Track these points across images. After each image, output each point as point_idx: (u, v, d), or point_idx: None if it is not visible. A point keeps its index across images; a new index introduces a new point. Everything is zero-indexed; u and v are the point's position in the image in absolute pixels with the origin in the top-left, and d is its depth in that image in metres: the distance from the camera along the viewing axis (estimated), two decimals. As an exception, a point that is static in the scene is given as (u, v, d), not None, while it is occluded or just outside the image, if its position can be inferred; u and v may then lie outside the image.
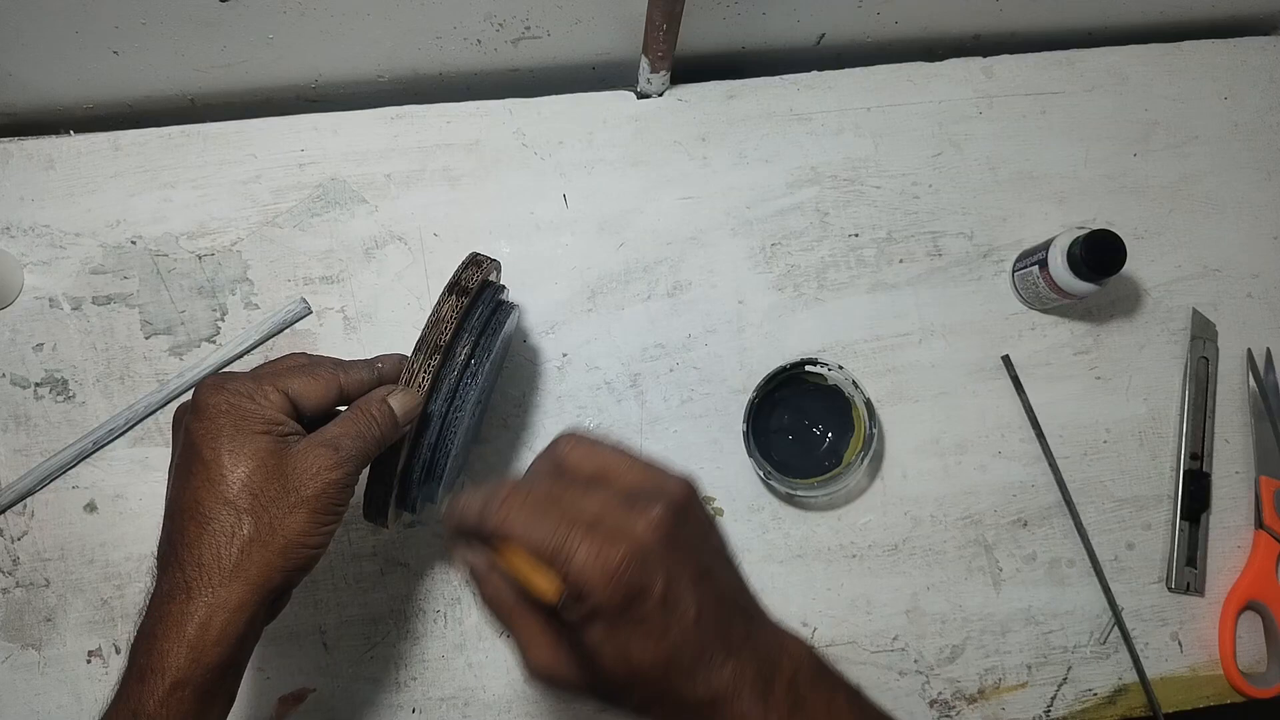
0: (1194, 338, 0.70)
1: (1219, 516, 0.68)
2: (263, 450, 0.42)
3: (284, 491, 0.42)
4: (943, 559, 0.66)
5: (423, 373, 0.49)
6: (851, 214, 0.71)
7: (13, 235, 0.67)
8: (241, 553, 0.41)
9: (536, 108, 0.71)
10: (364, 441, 0.45)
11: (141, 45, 0.65)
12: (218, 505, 0.41)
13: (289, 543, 0.42)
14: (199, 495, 0.41)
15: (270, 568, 0.41)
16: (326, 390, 0.46)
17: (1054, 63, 0.74)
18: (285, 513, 0.42)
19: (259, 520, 0.41)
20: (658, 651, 0.36)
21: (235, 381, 0.44)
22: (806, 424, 0.66)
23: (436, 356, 0.49)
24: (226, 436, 0.42)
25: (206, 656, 0.40)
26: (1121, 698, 0.65)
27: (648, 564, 0.36)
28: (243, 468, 0.41)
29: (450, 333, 0.50)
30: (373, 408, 0.46)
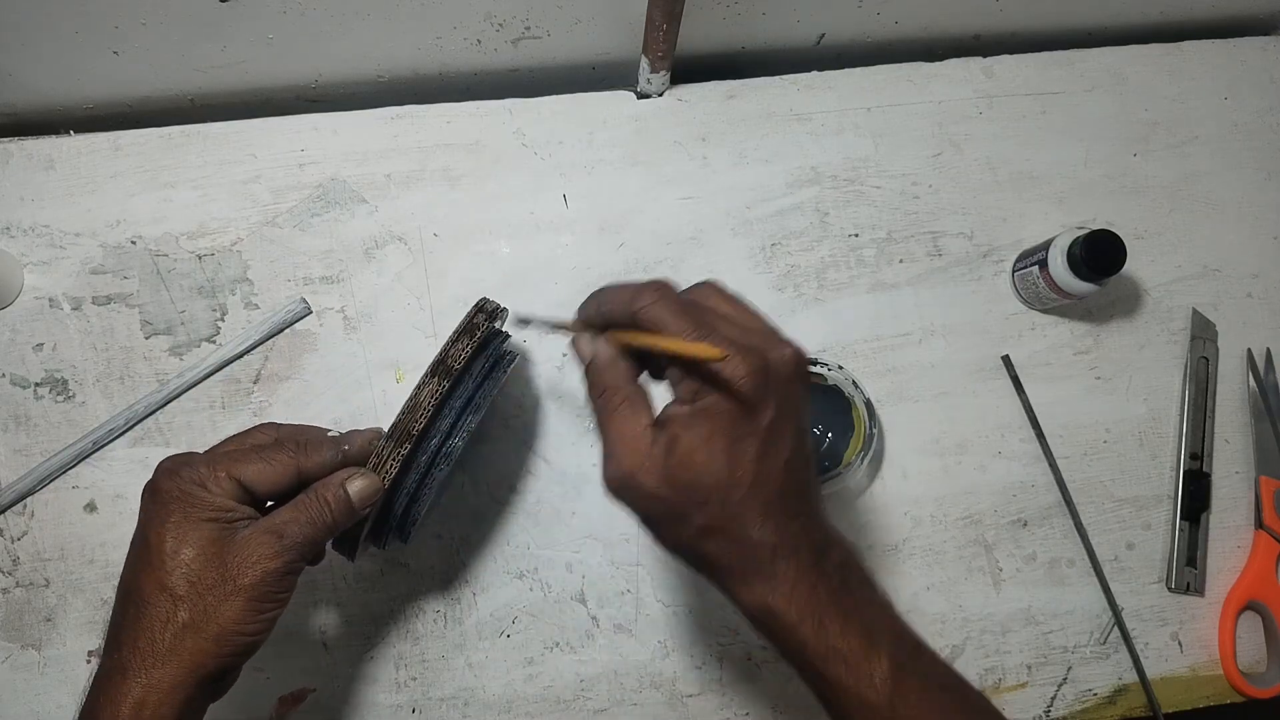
0: (1194, 338, 0.70)
1: (1219, 516, 0.68)
2: (205, 538, 0.43)
3: (221, 579, 0.42)
4: (943, 559, 0.66)
5: (391, 460, 0.48)
6: (851, 214, 0.71)
7: (13, 235, 0.67)
8: (175, 638, 0.42)
9: (536, 108, 0.71)
10: (313, 528, 0.45)
11: (141, 45, 0.65)
12: (155, 591, 0.42)
13: (223, 630, 0.42)
14: (139, 579, 0.43)
15: (204, 654, 0.42)
16: (282, 475, 0.46)
17: (1054, 63, 0.74)
18: (220, 600, 0.42)
19: (194, 607, 0.42)
20: (748, 470, 0.38)
21: (189, 467, 0.44)
22: (806, 424, 0.65)
23: (407, 445, 0.48)
24: (173, 523, 0.43)
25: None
26: (1121, 698, 0.65)
27: (771, 386, 0.38)
28: (183, 554, 0.42)
29: (427, 419, 0.49)
30: (328, 493, 0.46)
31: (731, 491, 0.38)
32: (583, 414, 0.66)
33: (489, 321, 0.52)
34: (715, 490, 0.38)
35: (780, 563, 0.39)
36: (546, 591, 0.64)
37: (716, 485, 0.38)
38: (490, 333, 0.53)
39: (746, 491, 0.38)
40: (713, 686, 0.63)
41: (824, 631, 0.40)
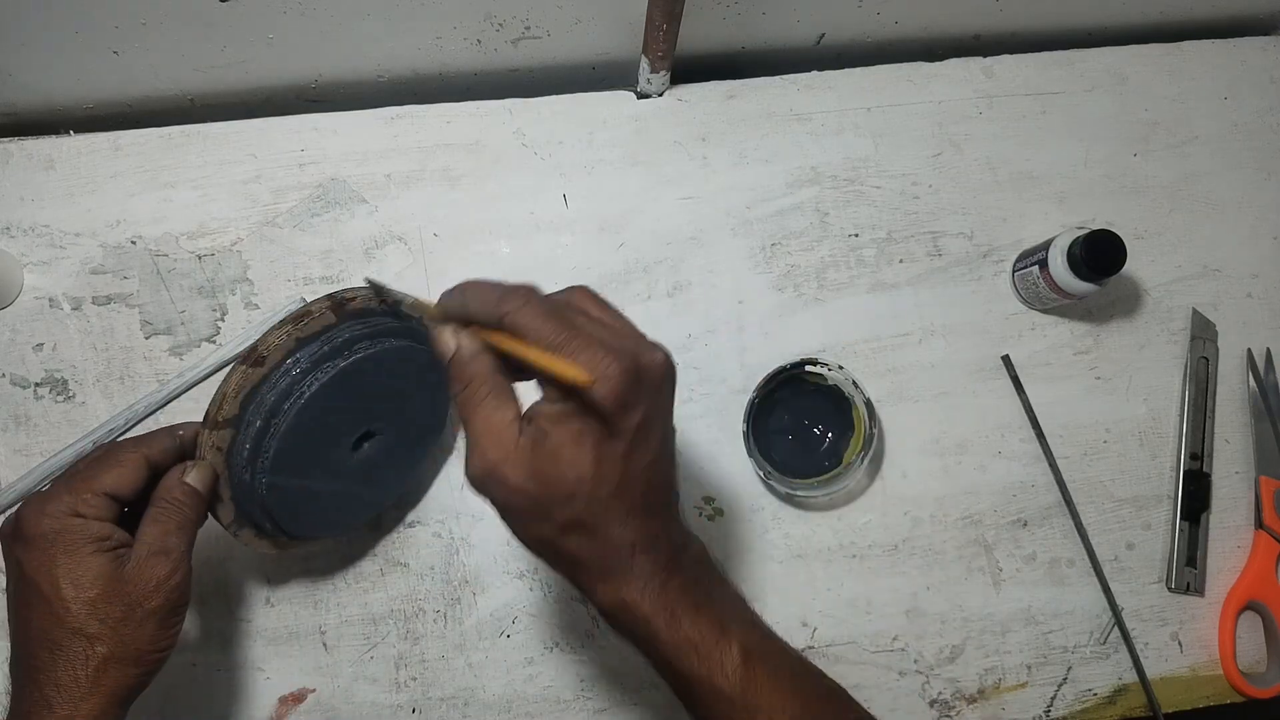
0: (1194, 338, 0.70)
1: (1219, 516, 0.68)
2: (101, 573, 0.44)
3: (129, 610, 0.44)
4: (943, 559, 0.66)
5: (205, 447, 0.50)
6: (851, 214, 0.71)
7: (13, 235, 0.67)
8: (98, 671, 0.43)
9: (536, 108, 0.71)
10: (183, 529, 0.47)
11: (141, 45, 0.65)
12: (66, 635, 0.43)
13: (141, 653, 0.44)
14: (44, 626, 0.43)
15: (127, 678, 0.44)
16: (136, 471, 0.47)
17: (1054, 63, 0.74)
18: (133, 629, 0.44)
19: (110, 641, 0.43)
20: (615, 470, 0.38)
21: (54, 501, 0.45)
22: (806, 424, 0.66)
23: (220, 430, 0.50)
24: (61, 565, 0.43)
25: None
26: (1121, 698, 0.65)
27: (639, 388, 0.38)
28: (85, 596, 0.43)
29: (236, 405, 0.50)
30: (176, 494, 0.48)
31: (597, 489, 0.38)
32: (583, 414, 0.66)
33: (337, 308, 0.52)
34: (580, 487, 0.38)
35: (638, 559, 0.40)
36: (546, 591, 0.64)
37: (582, 483, 0.38)
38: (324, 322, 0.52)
39: (612, 490, 0.39)
40: (713, 686, 0.63)
41: (676, 623, 0.40)
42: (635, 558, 0.40)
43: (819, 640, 0.64)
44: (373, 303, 0.54)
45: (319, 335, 0.52)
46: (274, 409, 0.51)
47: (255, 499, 0.53)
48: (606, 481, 0.38)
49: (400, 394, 0.57)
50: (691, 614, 0.41)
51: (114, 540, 0.45)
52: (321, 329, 0.52)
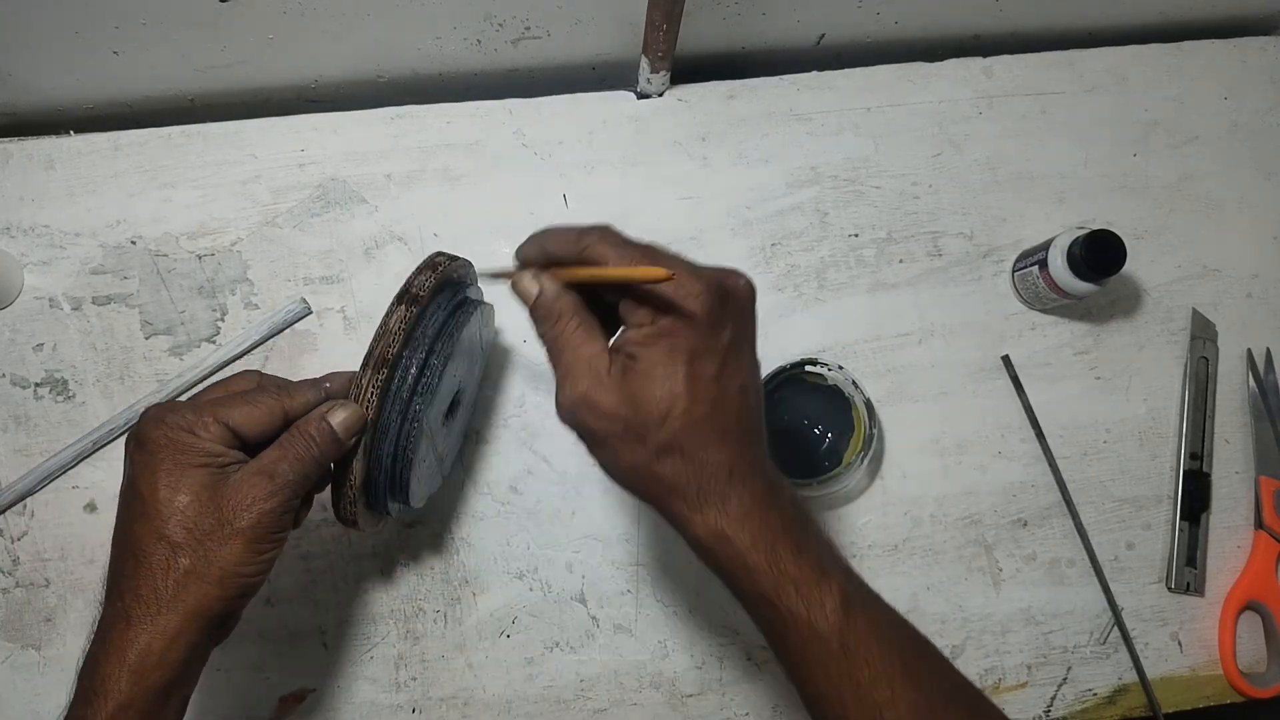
0: (1194, 338, 0.70)
1: (1219, 516, 0.68)
2: (198, 483, 0.43)
3: (219, 524, 0.42)
4: (943, 559, 0.66)
5: (370, 388, 0.48)
6: (851, 214, 0.71)
7: (13, 235, 0.67)
8: (177, 585, 0.42)
9: (536, 108, 0.71)
10: (302, 464, 0.45)
11: (141, 45, 0.65)
12: (153, 540, 0.42)
13: (225, 573, 0.43)
14: (136, 530, 0.43)
15: (207, 598, 0.42)
16: (269, 416, 0.46)
17: (1054, 63, 0.74)
18: (220, 544, 0.42)
19: (194, 554, 0.42)
20: (708, 388, 0.38)
21: (176, 414, 0.44)
22: (806, 424, 0.65)
23: (384, 370, 0.48)
24: (164, 471, 0.43)
25: (148, 680, 0.42)
26: (1121, 698, 0.65)
27: (728, 308, 0.38)
28: (177, 502, 0.42)
29: (399, 344, 0.49)
30: (310, 427, 0.46)
31: (692, 408, 0.38)
32: (583, 414, 0.66)
33: (450, 261, 0.53)
34: (675, 406, 0.38)
35: (736, 487, 0.39)
36: (546, 591, 0.64)
37: (676, 399, 0.38)
38: (451, 271, 0.53)
39: (706, 411, 0.38)
40: (713, 686, 0.63)
41: (776, 559, 0.39)
42: (733, 485, 0.39)
43: (819, 640, 0.64)
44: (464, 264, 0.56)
45: (450, 283, 0.54)
46: (433, 344, 0.51)
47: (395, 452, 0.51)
48: (701, 400, 0.38)
49: (475, 359, 0.58)
50: (793, 552, 0.39)
51: (225, 459, 0.44)
52: (452, 277, 0.54)
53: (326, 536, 0.63)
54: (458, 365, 0.54)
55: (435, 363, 0.51)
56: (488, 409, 0.66)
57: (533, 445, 0.66)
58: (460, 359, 0.54)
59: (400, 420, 0.50)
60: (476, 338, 0.58)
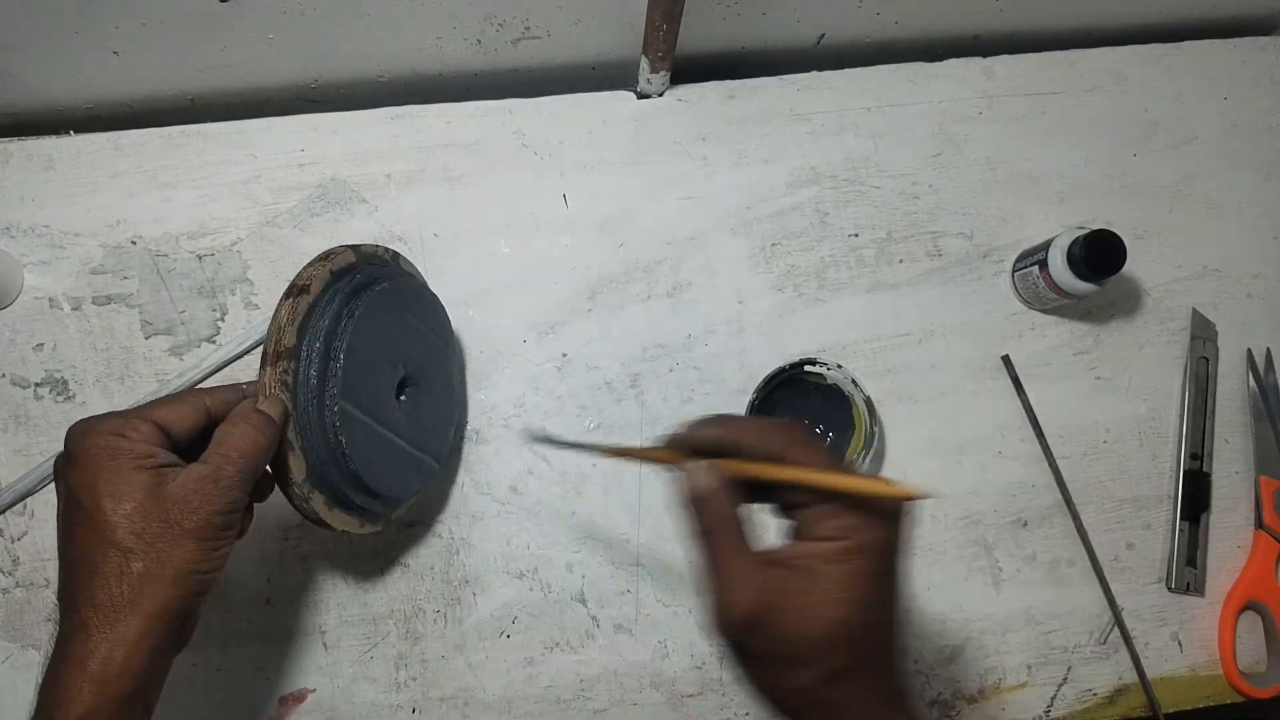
0: (1194, 338, 0.70)
1: (1219, 516, 0.68)
2: (139, 488, 0.42)
3: (166, 525, 0.42)
4: (943, 559, 0.66)
5: (272, 384, 0.48)
6: (851, 214, 0.71)
7: (13, 235, 0.67)
8: (133, 589, 0.41)
9: (536, 108, 0.71)
10: (244, 457, 0.45)
11: (141, 45, 0.65)
12: (103, 549, 0.42)
13: (179, 572, 0.42)
14: (84, 542, 0.42)
15: (164, 598, 0.42)
16: (193, 412, 0.46)
17: (1054, 63, 0.74)
18: (170, 545, 0.42)
19: (146, 557, 0.42)
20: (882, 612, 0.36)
21: (102, 422, 0.44)
22: (807, 424, 0.65)
23: (282, 362, 0.49)
24: (103, 480, 0.42)
25: (110, 689, 0.41)
26: (1121, 698, 0.65)
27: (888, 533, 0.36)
28: (122, 509, 0.42)
29: (292, 335, 0.49)
30: (243, 419, 0.46)
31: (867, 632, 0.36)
32: (583, 413, 0.66)
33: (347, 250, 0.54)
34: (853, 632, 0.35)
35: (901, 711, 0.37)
36: (546, 591, 0.64)
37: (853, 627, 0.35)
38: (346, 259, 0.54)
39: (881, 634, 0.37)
40: (713, 686, 0.63)
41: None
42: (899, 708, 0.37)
43: (819, 640, 0.64)
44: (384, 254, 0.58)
45: (347, 270, 0.54)
46: (330, 330, 0.51)
47: (327, 443, 0.51)
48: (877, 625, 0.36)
49: (421, 340, 0.58)
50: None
51: (157, 459, 0.44)
52: (347, 265, 0.54)
53: (326, 537, 0.63)
54: (389, 347, 0.54)
55: (339, 345, 0.51)
56: (488, 409, 0.66)
57: (533, 445, 0.66)
58: (395, 341, 0.55)
59: (319, 410, 0.50)
60: (409, 320, 0.57)
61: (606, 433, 0.66)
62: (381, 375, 0.55)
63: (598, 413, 0.66)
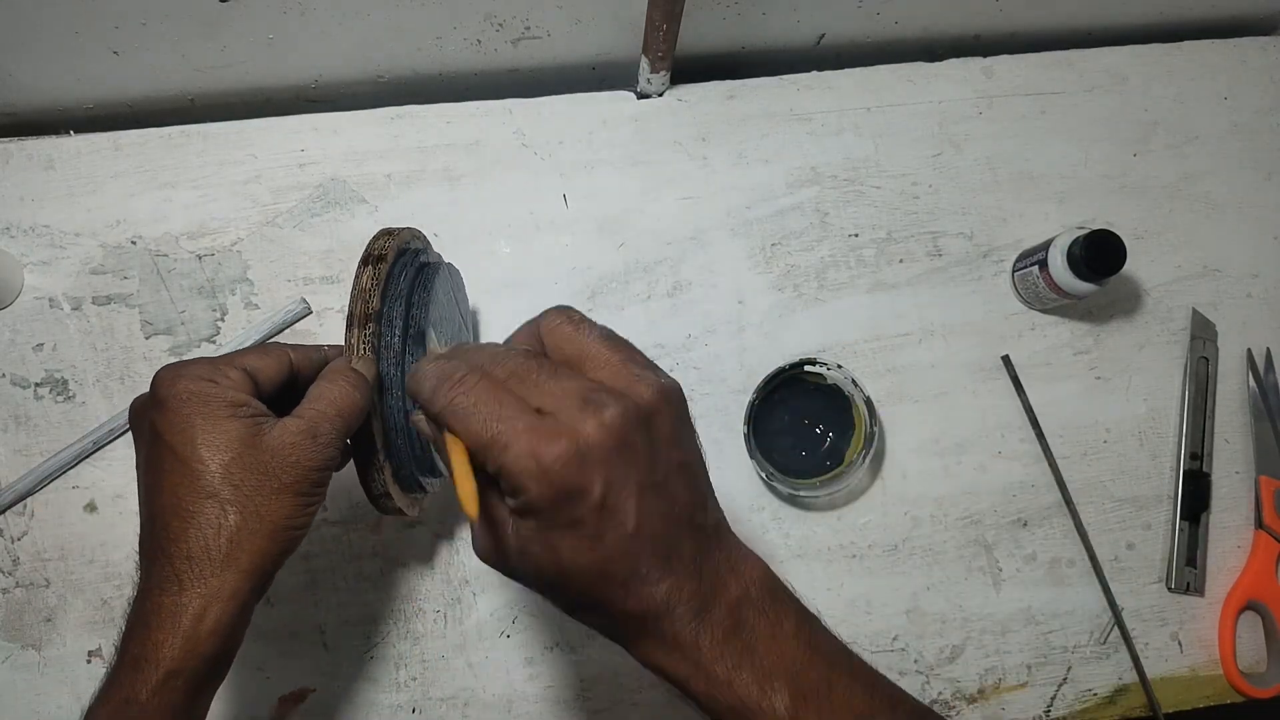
0: (1194, 338, 0.70)
1: (1219, 516, 0.68)
2: (236, 439, 0.41)
3: (265, 478, 0.41)
4: (943, 559, 0.66)
5: (361, 345, 0.48)
6: (851, 214, 0.71)
7: (13, 235, 0.67)
8: (231, 543, 0.40)
9: (536, 108, 0.71)
10: (341, 415, 0.44)
11: (141, 45, 0.65)
12: (199, 499, 0.40)
13: (275, 528, 0.41)
14: (178, 491, 0.41)
15: (261, 554, 0.41)
16: (278, 363, 0.46)
17: (1054, 63, 0.74)
18: (268, 498, 0.41)
19: (244, 509, 0.40)
20: (590, 558, 0.35)
21: (193, 366, 0.43)
22: (807, 424, 0.66)
23: (370, 325, 0.48)
24: (198, 427, 0.41)
25: (201, 647, 0.40)
26: (1121, 698, 0.65)
27: (587, 465, 0.34)
28: (219, 459, 0.40)
29: (376, 299, 0.49)
30: (340, 377, 0.45)
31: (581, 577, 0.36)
32: (583, 414, 0.66)
33: (402, 229, 0.54)
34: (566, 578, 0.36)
35: (659, 623, 0.36)
36: (546, 591, 0.64)
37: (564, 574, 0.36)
38: (406, 238, 0.55)
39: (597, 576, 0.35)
40: (713, 686, 0.63)
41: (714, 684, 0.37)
42: (656, 623, 0.36)
43: (819, 640, 0.64)
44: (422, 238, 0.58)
45: (408, 247, 0.55)
46: (408, 298, 0.51)
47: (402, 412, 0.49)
48: (587, 570, 0.35)
49: (461, 320, 0.59)
50: (729, 671, 0.37)
51: (251, 408, 0.42)
52: (409, 240, 0.55)
53: (327, 536, 0.63)
54: (441, 327, 0.54)
55: (417, 313, 0.51)
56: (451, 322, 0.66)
57: (533, 445, 0.66)
58: (443, 321, 0.54)
59: (399, 375, 0.49)
60: (452, 300, 0.58)
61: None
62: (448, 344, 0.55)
63: (598, 413, 0.66)
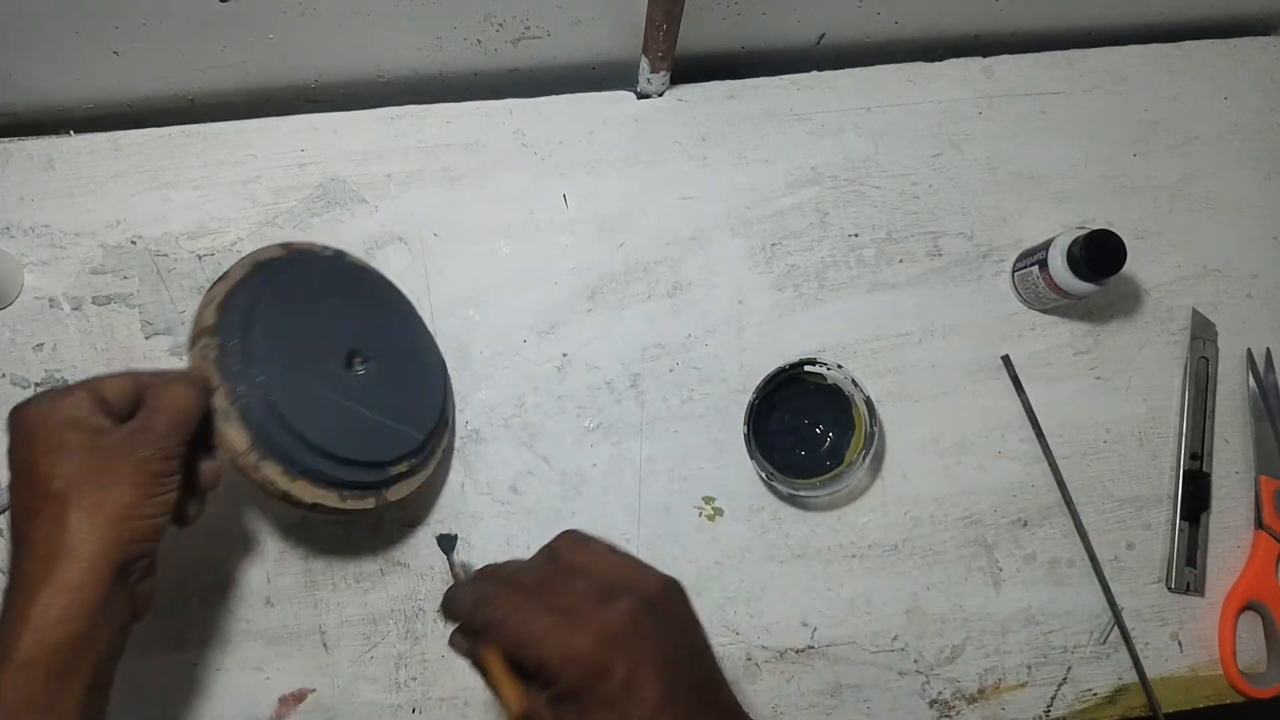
0: (1194, 338, 0.70)
1: (1219, 516, 0.68)
2: (76, 444, 0.44)
3: (103, 474, 0.44)
4: (943, 559, 0.66)
5: (195, 359, 0.52)
6: (851, 214, 0.71)
7: (13, 235, 0.67)
8: (73, 535, 0.42)
9: (536, 108, 0.71)
10: (172, 410, 0.47)
11: (141, 45, 0.65)
12: (42, 502, 0.43)
13: (116, 515, 0.43)
14: (25, 500, 0.44)
15: (103, 543, 0.43)
16: (124, 380, 0.48)
17: (1054, 63, 0.74)
18: (107, 490, 0.43)
19: (82, 504, 0.43)
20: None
21: (36, 397, 0.46)
22: (807, 424, 0.66)
23: (203, 338, 0.52)
24: (39, 441, 0.44)
25: (49, 635, 0.42)
26: (1121, 698, 0.65)
27: (610, 648, 0.39)
28: (58, 466, 0.43)
29: (211, 315, 0.53)
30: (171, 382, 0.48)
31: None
32: (582, 413, 0.66)
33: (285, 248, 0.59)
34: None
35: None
36: (546, 591, 0.64)
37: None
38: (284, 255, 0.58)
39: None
40: (713, 686, 0.63)
41: None
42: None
43: (819, 640, 0.64)
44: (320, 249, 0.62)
45: (272, 261, 0.58)
46: (249, 306, 0.53)
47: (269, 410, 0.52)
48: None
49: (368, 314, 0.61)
50: None
51: (90, 422, 0.45)
52: (272, 258, 0.58)
53: (327, 536, 0.63)
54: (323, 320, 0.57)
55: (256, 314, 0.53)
56: (488, 409, 0.66)
57: (533, 445, 0.66)
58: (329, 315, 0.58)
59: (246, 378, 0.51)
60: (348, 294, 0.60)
61: (606, 433, 0.66)
62: (322, 346, 0.57)
63: (598, 413, 0.66)
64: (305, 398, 0.54)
